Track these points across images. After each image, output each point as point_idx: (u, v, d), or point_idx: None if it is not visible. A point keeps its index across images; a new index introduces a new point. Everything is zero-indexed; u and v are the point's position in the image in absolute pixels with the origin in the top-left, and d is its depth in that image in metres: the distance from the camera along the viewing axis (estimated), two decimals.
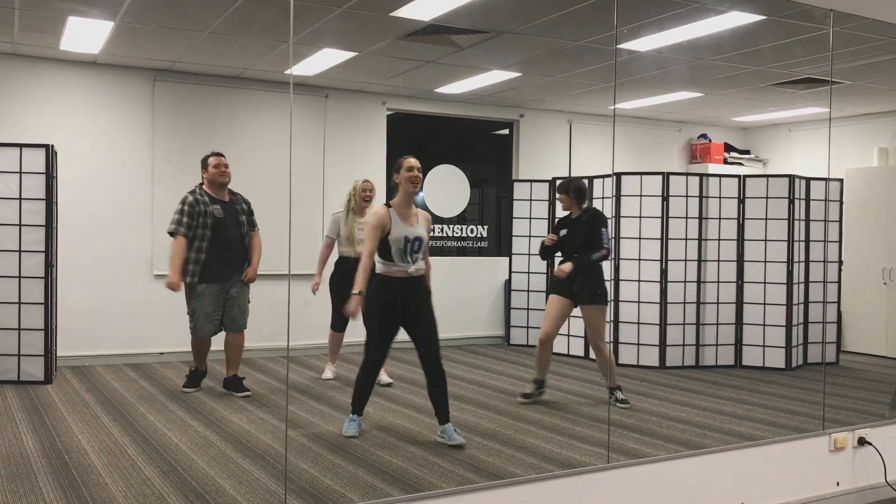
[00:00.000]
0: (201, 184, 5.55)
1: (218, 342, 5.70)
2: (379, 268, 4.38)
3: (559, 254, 5.51)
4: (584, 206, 5.39)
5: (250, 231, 5.68)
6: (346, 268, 6.01)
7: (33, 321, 5.78)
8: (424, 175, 8.04)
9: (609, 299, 5.59)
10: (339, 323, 6.04)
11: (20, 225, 5.77)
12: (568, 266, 5.27)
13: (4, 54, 6.42)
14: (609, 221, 5.45)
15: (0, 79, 6.42)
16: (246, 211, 5.69)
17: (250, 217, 5.71)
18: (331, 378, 5.93)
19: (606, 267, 7.07)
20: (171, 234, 5.37)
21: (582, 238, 5.29)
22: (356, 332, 6.16)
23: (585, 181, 5.68)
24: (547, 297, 5.63)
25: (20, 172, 5.77)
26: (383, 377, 5.92)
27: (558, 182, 5.54)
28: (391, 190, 4.57)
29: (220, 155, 5.57)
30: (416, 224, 4.39)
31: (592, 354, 7.12)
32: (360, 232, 5.85)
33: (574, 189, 5.38)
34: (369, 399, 4.58)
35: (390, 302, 4.36)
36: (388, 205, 4.39)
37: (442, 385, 4.40)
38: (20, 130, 6.31)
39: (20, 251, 5.77)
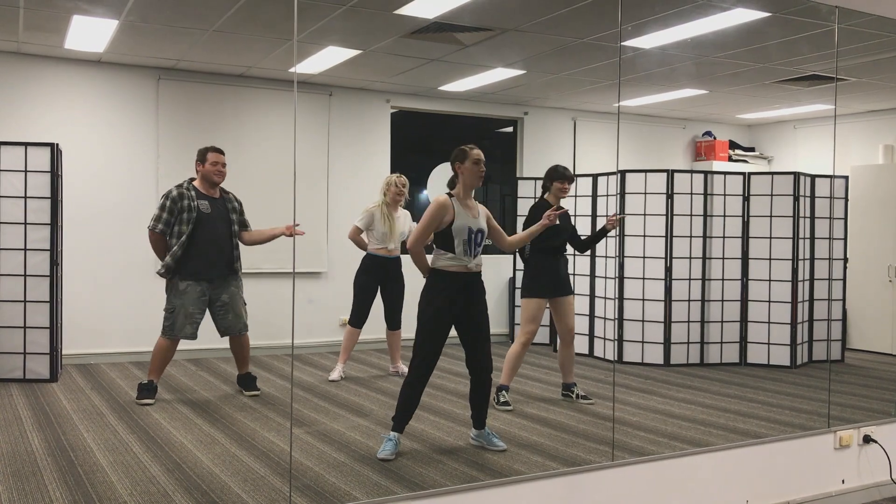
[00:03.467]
0: (192, 179, 5.35)
1: (214, 344, 5.68)
2: (436, 262, 4.10)
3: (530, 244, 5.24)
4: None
5: (241, 230, 5.48)
6: (373, 265, 5.96)
7: (39, 319, 5.79)
8: (428, 173, 8.07)
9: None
10: (358, 319, 5.99)
11: (25, 223, 5.79)
12: (560, 211, 4.80)
13: (9, 53, 6.43)
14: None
15: (5, 78, 6.43)
16: (238, 210, 5.49)
17: (241, 217, 5.52)
18: (337, 380, 5.91)
19: (611, 265, 7.08)
20: (148, 227, 5.23)
21: (566, 232, 5.25)
22: (373, 329, 6.19)
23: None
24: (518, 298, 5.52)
25: (25, 171, 5.79)
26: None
27: (559, 168, 5.23)
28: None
29: (219, 151, 5.36)
30: (478, 216, 4.18)
31: (597, 352, 7.15)
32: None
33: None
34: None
35: (448, 299, 4.05)
36: (449, 194, 4.18)
37: (486, 391, 4.25)
38: (25, 129, 6.32)
39: (25, 249, 5.78)
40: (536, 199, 5.42)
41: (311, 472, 3.82)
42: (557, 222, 4.86)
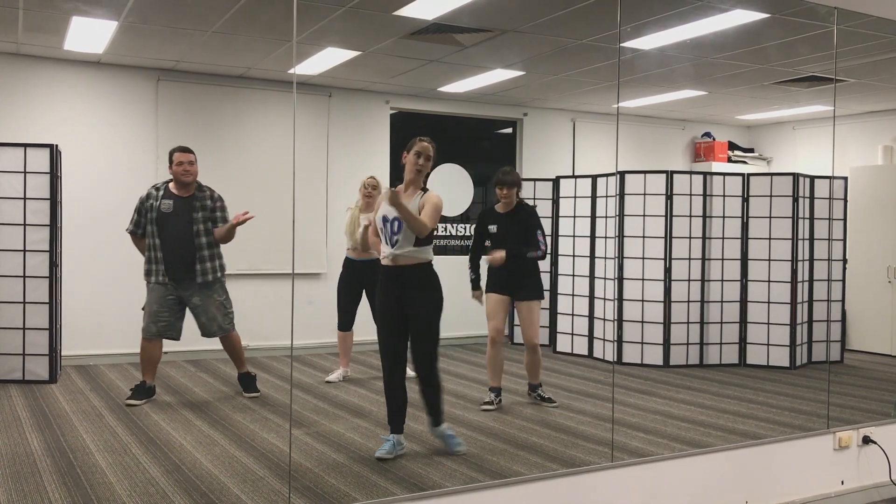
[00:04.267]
0: (170, 179, 5.33)
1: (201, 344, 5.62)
2: None
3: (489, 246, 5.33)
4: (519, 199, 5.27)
5: (214, 227, 5.33)
6: (349, 268, 6.02)
7: (38, 320, 5.79)
8: (427, 175, 8.05)
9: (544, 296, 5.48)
10: (343, 321, 6.03)
11: (24, 224, 5.78)
12: (501, 255, 5.05)
13: (9, 54, 6.43)
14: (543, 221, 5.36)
15: (4, 79, 6.43)
16: (209, 207, 5.32)
17: (213, 214, 5.33)
18: (334, 381, 5.91)
19: (610, 266, 7.08)
20: (128, 230, 5.30)
21: (519, 234, 5.18)
22: (367, 331, 6.17)
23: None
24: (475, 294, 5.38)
25: (24, 172, 5.79)
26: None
27: (502, 173, 5.21)
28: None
29: (186, 151, 5.28)
30: (408, 204, 3.99)
31: (596, 353, 7.15)
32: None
33: (519, 183, 5.26)
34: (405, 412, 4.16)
35: (383, 293, 4.08)
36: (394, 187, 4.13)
37: (431, 393, 4.11)
38: (24, 130, 6.32)
39: (25, 251, 5.78)
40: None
41: (310, 473, 3.82)
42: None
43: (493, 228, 5.25)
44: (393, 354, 4.10)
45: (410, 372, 5.54)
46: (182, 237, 5.24)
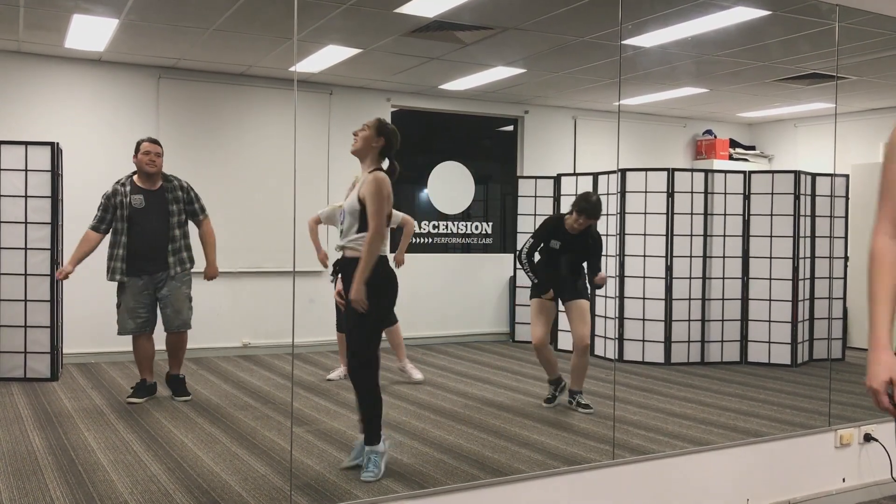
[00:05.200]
0: (134, 172, 5.25)
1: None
2: None
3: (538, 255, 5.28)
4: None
5: (195, 219, 5.30)
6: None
7: (39, 318, 5.79)
8: (429, 172, 8.05)
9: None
10: (340, 322, 5.98)
11: (26, 223, 5.79)
12: (605, 276, 5.08)
13: (9, 52, 6.43)
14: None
15: (5, 77, 6.43)
16: (183, 199, 5.25)
17: (190, 206, 5.29)
18: (335, 379, 5.90)
19: (611, 263, 7.08)
20: (91, 226, 5.19)
21: (580, 255, 5.11)
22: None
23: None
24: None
25: (26, 170, 5.79)
26: (415, 374, 5.86)
27: (586, 201, 4.99)
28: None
29: (153, 141, 5.22)
30: (353, 190, 3.84)
31: (598, 351, 7.15)
32: None
33: (598, 217, 5.05)
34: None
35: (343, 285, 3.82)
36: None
37: (358, 397, 3.78)
38: (25, 128, 6.32)
39: (26, 249, 5.78)
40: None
41: (311, 470, 3.82)
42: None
43: (555, 244, 5.12)
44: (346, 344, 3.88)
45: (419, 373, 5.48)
46: (156, 230, 5.17)
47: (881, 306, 1.87)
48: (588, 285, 5.21)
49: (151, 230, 5.17)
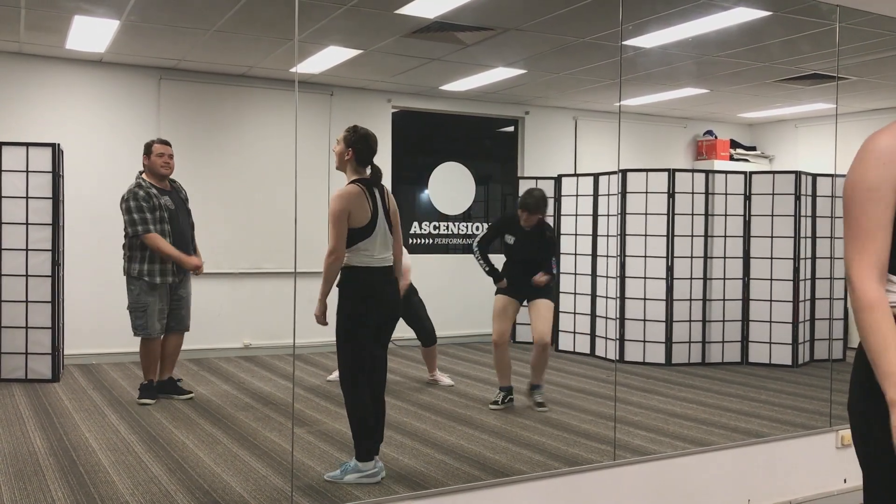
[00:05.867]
0: (142, 172, 5.23)
1: None
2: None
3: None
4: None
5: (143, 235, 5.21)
6: None
7: (40, 319, 5.79)
8: (430, 172, 8.06)
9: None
10: None
11: (27, 223, 5.79)
12: (546, 277, 5.09)
13: (11, 53, 6.44)
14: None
15: (6, 78, 6.43)
16: (187, 199, 5.43)
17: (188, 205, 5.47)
18: (335, 380, 5.89)
19: (612, 264, 7.08)
20: (141, 233, 5.05)
21: (534, 250, 5.16)
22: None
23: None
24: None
25: (27, 171, 5.79)
26: (444, 380, 5.87)
27: (528, 194, 5.10)
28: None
29: (164, 142, 5.26)
30: None
31: (598, 351, 7.15)
32: None
33: (543, 210, 5.15)
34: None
35: None
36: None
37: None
38: (26, 129, 6.32)
39: (27, 250, 5.79)
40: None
41: (312, 471, 3.82)
42: None
43: (510, 239, 5.20)
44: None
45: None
46: (184, 231, 5.28)
47: (891, 353, 1.76)
48: (552, 287, 5.25)
49: (180, 231, 5.24)
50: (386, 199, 3.82)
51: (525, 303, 5.27)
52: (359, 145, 3.77)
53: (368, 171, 3.81)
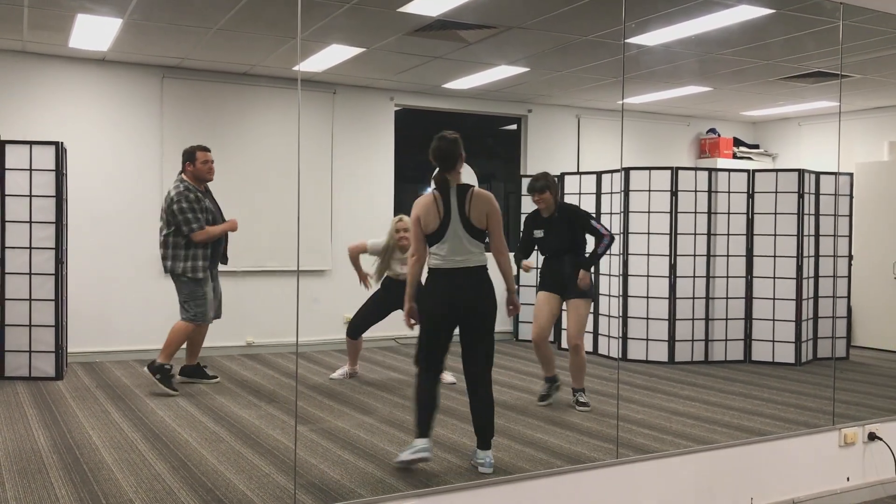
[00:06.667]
0: (181, 172, 5.54)
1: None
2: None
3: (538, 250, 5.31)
4: (558, 203, 5.21)
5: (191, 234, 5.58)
6: (391, 286, 5.84)
7: (44, 318, 5.81)
8: (432, 171, 8.04)
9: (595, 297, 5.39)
10: (354, 329, 5.95)
11: (31, 222, 5.80)
12: (586, 280, 5.08)
13: (14, 52, 6.45)
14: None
15: (9, 77, 6.45)
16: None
17: None
18: (338, 378, 5.88)
19: (615, 262, 7.08)
20: (195, 231, 5.40)
21: (564, 235, 5.13)
22: (378, 326, 6.13)
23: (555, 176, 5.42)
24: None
25: (30, 170, 5.80)
26: (447, 376, 5.80)
27: (533, 179, 5.17)
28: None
29: (207, 149, 5.56)
30: None
31: (601, 349, 7.15)
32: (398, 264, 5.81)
33: (554, 187, 5.16)
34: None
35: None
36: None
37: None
38: (30, 128, 6.34)
39: (31, 248, 5.80)
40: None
41: (315, 469, 3.83)
42: None
43: (538, 234, 5.19)
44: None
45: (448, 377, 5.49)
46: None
47: None
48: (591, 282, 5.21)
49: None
50: (467, 202, 3.83)
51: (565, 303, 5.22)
52: (432, 154, 3.87)
53: (452, 175, 3.86)
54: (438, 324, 3.88)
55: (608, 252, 5.59)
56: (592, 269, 7.33)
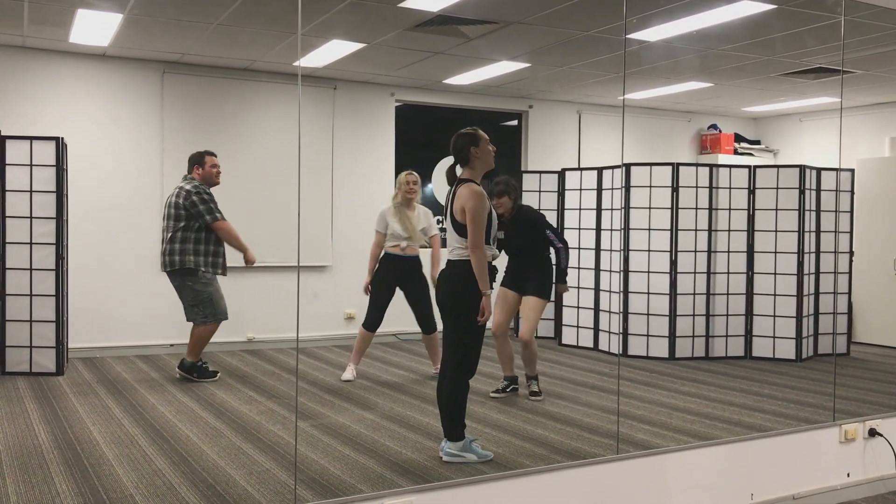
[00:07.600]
0: (190, 174, 5.67)
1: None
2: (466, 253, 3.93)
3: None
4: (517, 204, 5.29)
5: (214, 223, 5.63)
6: (387, 264, 5.76)
7: (45, 313, 5.81)
8: (433, 166, 8.05)
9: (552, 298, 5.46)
10: (370, 321, 5.76)
11: (31, 217, 5.80)
12: (564, 287, 5.34)
13: (14, 47, 6.44)
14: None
15: (10, 72, 6.44)
16: None
17: None
18: (351, 379, 5.81)
19: (616, 258, 7.07)
20: (219, 219, 5.55)
21: (523, 237, 5.24)
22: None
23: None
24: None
25: (31, 165, 5.80)
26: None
27: (493, 184, 5.21)
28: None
29: (215, 155, 5.74)
30: None
31: (602, 345, 7.15)
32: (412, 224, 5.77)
33: (514, 192, 5.26)
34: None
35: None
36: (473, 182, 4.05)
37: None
38: (30, 123, 6.33)
39: (31, 243, 5.80)
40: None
41: (316, 465, 3.83)
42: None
43: (500, 234, 5.21)
44: None
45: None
46: None
47: None
48: (549, 281, 5.33)
49: None
50: (453, 197, 4.00)
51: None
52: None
53: (465, 170, 4.15)
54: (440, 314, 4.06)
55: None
56: (593, 265, 7.33)
